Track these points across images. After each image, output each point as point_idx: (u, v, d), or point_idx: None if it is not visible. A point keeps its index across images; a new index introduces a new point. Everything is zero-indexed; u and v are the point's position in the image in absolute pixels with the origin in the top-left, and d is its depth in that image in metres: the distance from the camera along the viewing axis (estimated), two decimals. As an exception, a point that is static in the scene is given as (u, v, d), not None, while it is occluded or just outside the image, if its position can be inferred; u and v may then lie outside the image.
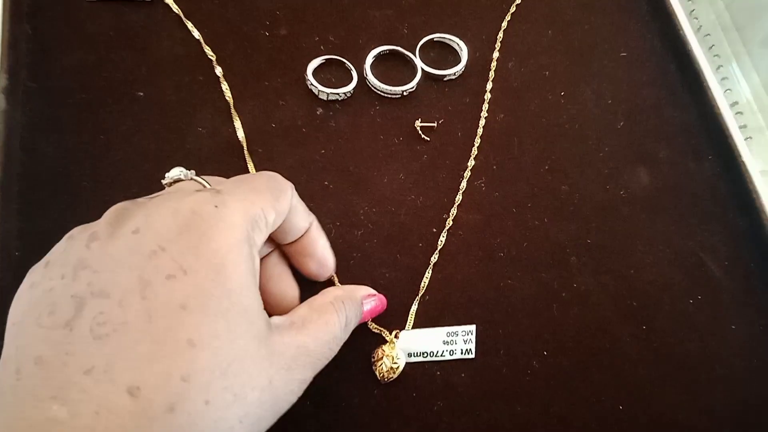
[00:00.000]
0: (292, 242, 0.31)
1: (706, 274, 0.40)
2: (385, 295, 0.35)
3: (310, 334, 0.27)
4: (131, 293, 0.22)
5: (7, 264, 0.34)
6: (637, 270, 0.39)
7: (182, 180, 0.29)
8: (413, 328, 0.35)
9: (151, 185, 0.37)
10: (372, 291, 0.34)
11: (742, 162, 0.43)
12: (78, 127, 0.39)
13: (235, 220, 0.25)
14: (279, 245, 0.32)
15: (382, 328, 0.35)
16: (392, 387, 0.34)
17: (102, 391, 0.20)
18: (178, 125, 0.40)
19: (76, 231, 0.25)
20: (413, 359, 0.34)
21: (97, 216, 0.36)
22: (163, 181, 0.29)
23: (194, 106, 0.40)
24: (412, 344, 0.34)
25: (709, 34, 0.61)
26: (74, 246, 0.24)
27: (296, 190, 0.38)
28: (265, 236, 0.27)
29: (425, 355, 0.34)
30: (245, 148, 0.39)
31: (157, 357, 0.21)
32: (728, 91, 0.58)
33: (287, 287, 0.32)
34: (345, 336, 0.30)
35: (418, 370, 0.34)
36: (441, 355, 0.34)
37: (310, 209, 0.38)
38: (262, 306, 0.25)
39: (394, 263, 0.37)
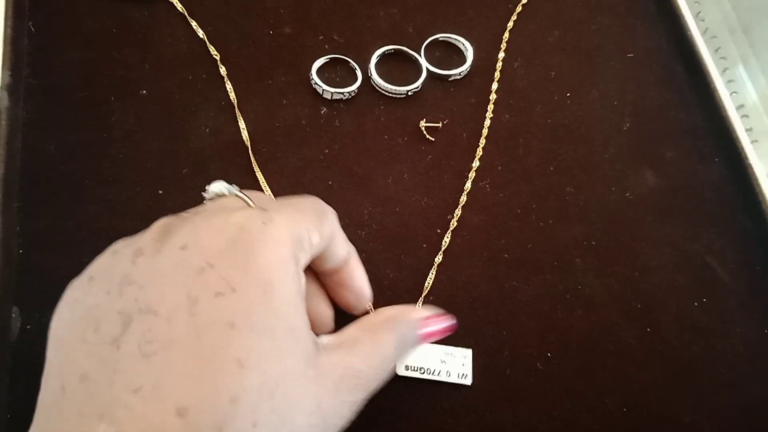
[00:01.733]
0: (331, 272, 0.31)
1: (711, 277, 0.39)
2: (451, 318, 0.31)
3: (360, 354, 0.26)
4: (179, 310, 0.21)
5: (9, 261, 0.34)
6: (642, 272, 0.39)
7: (225, 195, 0.28)
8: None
9: (155, 184, 0.37)
10: (435, 311, 0.31)
11: (749, 164, 0.43)
12: (80, 125, 0.38)
13: (281, 237, 0.24)
14: (317, 274, 0.31)
15: (372, 305, 0.34)
16: (395, 387, 0.33)
17: (150, 410, 0.19)
18: (181, 123, 0.39)
19: (120, 245, 0.24)
20: (409, 373, 0.33)
21: (97, 216, 0.36)
22: (204, 194, 0.29)
23: (198, 104, 0.40)
24: (409, 358, 0.34)
25: (715, 36, 0.60)
26: (119, 261, 0.23)
27: (300, 189, 0.38)
28: (309, 258, 0.27)
29: (422, 371, 0.34)
30: (250, 149, 0.39)
31: (206, 376, 0.20)
32: (734, 93, 0.58)
33: (322, 307, 0.31)
34: (398, 358, 0.28)
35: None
36: (437, 374, 0.34)
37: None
38: (309, 325, 0.24)
39: (398, 263, 0.37)
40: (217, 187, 0.28)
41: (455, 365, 0.34)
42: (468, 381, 0.34)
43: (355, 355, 0.26)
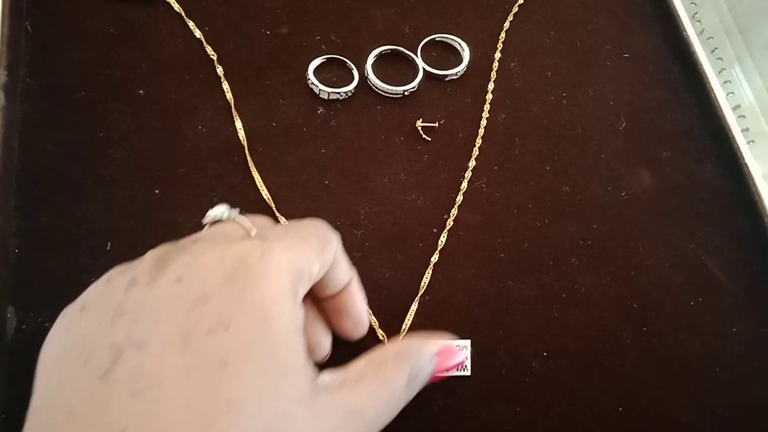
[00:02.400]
0: (330, 297, 0.30)
1: (707, 277, 0.39)
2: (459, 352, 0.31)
3: (365, 393, 0.24)
4: (170, 346, 0.20)
5: (6, 261, 0.34)
6: (638, 271, 0.39)
7: (223, 220, 0.28)
8: (411, 328, 0.35)
9: (152, 183, 0.37)
10: (447, 343, 0.29)
11: (745, 164, 0.43)
12: (77, 125, 0.38)
13: (281, 270, 0.23)
14: (315, 299, 0.31)
15: (384, 334, 0.34)
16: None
17: None
18: (178, 123, 0.39)
19: (114, 273, 0.23)
20: None
21: (94, 216, 0.36)
22: (204, 221, 0.28)
23: (195, 104, 0.40)
24: None
25: (712, 37, 0.61)
26: (112, 290, 0.22)
27: (296, 188, 0.38)
28: (308, 288, 0.26)
29: None
30: (246, 149, 0.39)
31: (194, 418, 0.19)
32: (731, 94, 0.58)
33: (320, 332, 0.30)
34: (408, 397, 0.26)
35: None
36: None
37: (311, 209, 0.38)
38: (307, 363, 0.23)
39: (394, 263, 0.37)
40: (218, 211, 0.28)
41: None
42: (467, 372, 0.33)
43: (359, 394, 0.24)
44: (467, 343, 0.33)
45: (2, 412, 0.30)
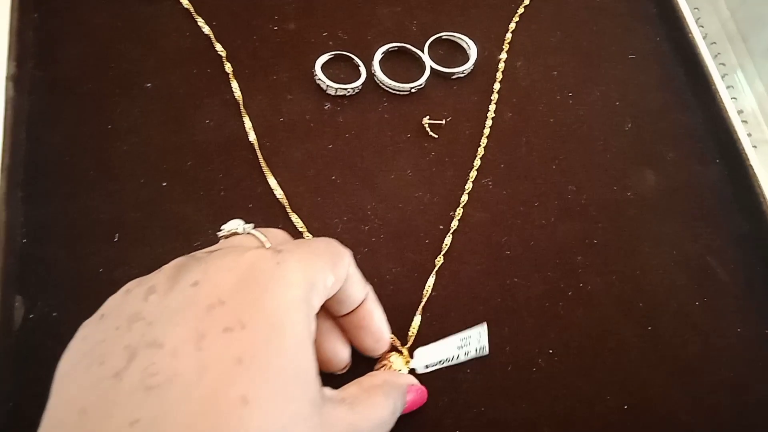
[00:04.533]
0: (347, 314, 0.30)
1: (711, 277, 0.39)
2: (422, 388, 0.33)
3: (362, 414, 0.25)
4: (185, 344, 0.21)
5: (13, 251, 0.34)
6: (643, 271, 0.39)
7: (238, 234, 0.28)
8: (421, 324, 0.35)
9: (158, 176, 0.37)
10: (414, 381, 0.32)
11: (749, 166, 0.43)
12: (84, 117, 0.38)
13: (295, 279, 0.24)
14: (333, 317, 0.31)
15: (398, 341, 0.34)
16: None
17: None
18: (185, 117, 0.39)
19: (132, 284, 0.24)
20: (431, 369, 0.33)
21: (101, 207, 0.36)
22: (219, 234, 0.29)
23: (202, 98, 0.40)
24: (428, 358, 0.34)
25: (714, 43, 0.61)
26: (130, 299, 0.23)
27: (303, 183, 0.38)
28: (322, 300, 0.26)
29: (441, 362, 0.34)
30: (256, 144, 0.39)
31: (208, 412, 0.20)
32: (733, 99, 0.58)
33: (339, 347, 0.31)
34: (392, 422, 0.28)
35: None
36: (457, 359, 0.34)
37: (317, 204, 0.38)
38: (317, 372, 0.23)
39: (400, 259, 0.37)
40: (233, 225, 0.28)
41: (473, 344, 0.34)
42: (486, 351, 0.33)
43: (357, 413, 0.25)
44: (484, 326, 0.34)
45: (9, 400, 0.30)
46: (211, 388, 0.20)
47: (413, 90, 0.42)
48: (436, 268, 0.37)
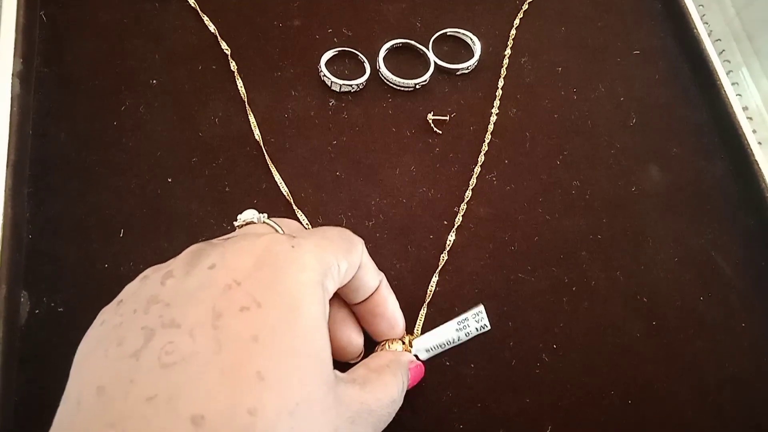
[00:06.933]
0: (363, 302, 0.31)
1: (716, 273, 0.39)
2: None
3: (372, 393, 0.26)
4: (202, 323, 0.21)
5: (19, 247, 0.34)
6: (647, 266, 0.39)
7: (254, 223, 0.29)
8: (425, 319, 0.35)
9: (164, 172, 0.37)
10: (413, 358, 0.33)
11: (755, 161, 0.43)
12: (90, 114, 0.39)
13: (310, 262, 0.24)
14: (349, 305, 0.32)
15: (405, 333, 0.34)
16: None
17: (163, 419, 0.19)
18: (191, 113, 0.40)
19: (150, 271, 0.24)
20: (432, 353, 0.34)
21: (107, 203, 0.36)
22: (236, 223, 0.29)
23: (208, 94, 0.40)
24: (428, 343, 0.34)
25: (719, 40, 0.61)
26: (148, 284, 0.23)
27: (308, 179, 0.39)
28: (337, 286, 0.27)
29: (442, 345, 0.34)
30: (261, 140, 0.39)
31: (225, 387, 0.20)
32: (738, 96, 0.58)
33: (353, 334, 0.31)
34: (401, 400, 0.28)
35: (427, 361, 0.34)
36: (458, 341, 0.34)
37: (322, 199, 0.38)
38: (330, 353, 0.24)
39: (404, 254, 0.37)
40: (248, 215, 0.29)
41: (471, 325, 0.34)
42: (488, 327, 0.34)
43: (368, 393, 0.26)
44: (481, 307, 0.34)
45: (15, 394, 0.31)
46: (227, 364, 0.20)
47: (418, 86, 0.42)
48: (441, 263, 0.37)
